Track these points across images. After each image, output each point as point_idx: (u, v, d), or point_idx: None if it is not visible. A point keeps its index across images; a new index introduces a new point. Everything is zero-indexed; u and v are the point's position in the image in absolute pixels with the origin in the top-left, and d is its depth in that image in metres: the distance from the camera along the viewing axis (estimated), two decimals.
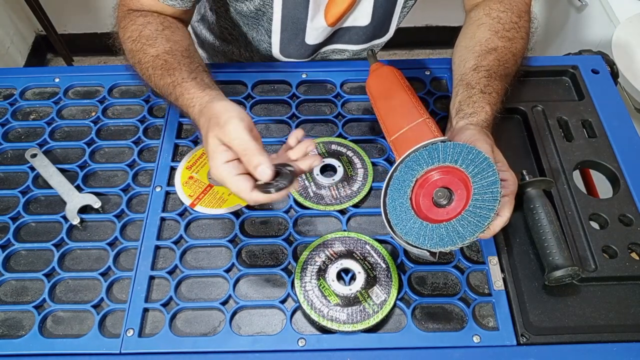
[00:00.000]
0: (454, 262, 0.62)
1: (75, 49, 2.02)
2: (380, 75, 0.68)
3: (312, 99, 0.78)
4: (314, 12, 0.74)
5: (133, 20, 0.68)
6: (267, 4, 0.74)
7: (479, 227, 0.50)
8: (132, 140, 0.73)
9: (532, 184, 0.62)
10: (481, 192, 0.52)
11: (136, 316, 0.58)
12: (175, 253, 0.63)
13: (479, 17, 0.73)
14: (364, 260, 0.61)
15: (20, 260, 0.63)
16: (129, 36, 0.67)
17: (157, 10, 0.70)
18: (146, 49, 0.64)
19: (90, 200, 0.66)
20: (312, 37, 0.78)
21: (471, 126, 0.60)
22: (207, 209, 0.65)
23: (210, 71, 0.66)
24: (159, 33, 0.66)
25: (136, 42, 0.66)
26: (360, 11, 0.76)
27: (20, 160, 0.71)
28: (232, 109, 0.52)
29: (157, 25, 0.67)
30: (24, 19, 1.95)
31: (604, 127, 0.72)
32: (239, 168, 0.51)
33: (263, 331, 0.58)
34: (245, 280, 0.61)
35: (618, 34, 1.14)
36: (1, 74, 0.82)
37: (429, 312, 0.59)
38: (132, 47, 0.66)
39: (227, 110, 0.52)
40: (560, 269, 0.56)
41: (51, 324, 0.59)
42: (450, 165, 0.55)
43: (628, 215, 0.64)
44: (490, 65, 0.66)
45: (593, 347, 0.55)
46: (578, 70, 0.79)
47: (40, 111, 0.77)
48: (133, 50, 0.66)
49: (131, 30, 0.67)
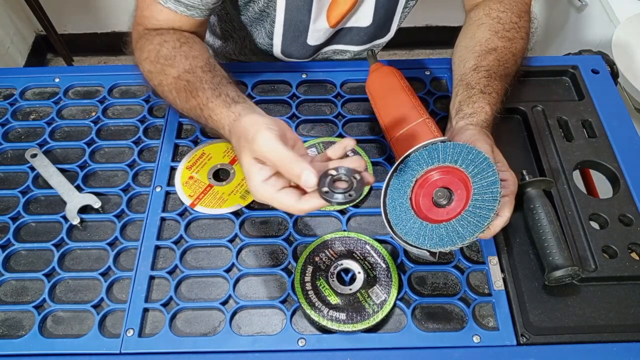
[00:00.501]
0: (454, 262, 0.62)
1: (75, 49, 2.02)
2: (380, 76, 0.68)
3: (312, 99, 0.78)
4: (317, 15, 0.74)
5: (149, 39, 0.65)
6: (271, 7, 0.74)
7: (479, 227, 0.50)
8: (132, 140, 0.73)
9: (532, 184, 0.62)
10: (481, 192, 0.52)
11: (136, 316, 0.58)
12: (175, 253, 0.63)
13: (478, 17, 0.73)
14: (364, 260, 0.61)
15: (20, 260, 0.63)
16: (146, 57, 0.64)
17: (174, 26, 0.67)
18: (166, 69, 0.62)
19: (90, 200, 0.66)
20: (313, 39, 0.78)
21: (471, 126, 0.60)
22: (207, 209, 0.65)
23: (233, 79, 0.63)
24: (176, 51, 0.63)
25: (155, 64, 0.63)
26: (362, 12, 0.76)
27: (20, 160, 0.71)
28: (260, 121, 0.49)
29: (174, 42, 0.64)
30: (24, 19, 1.95)
31: (604, 127, 0.72)
32: (279, 183, 0.48)
33: (263, 331, 0.58)
34: (245, 280, 0.61)
35: (618, 34, 1.14)
36: (1, 74, 0.81)
37: (429, 312, 0.59)
38: (150, 68, 0.64)
39: (254, 123, 0.49)
40: (560, 269, 0.56)
41: (51, 324, 0.59)
42: (450, 165, 0.55)
43: (628, 215, 0.64)
44: (490, 65, 0.66)
45: (593, 347, 0.55)
46: (578, 70, 0.79)
47: (40, 111, 0.77)
48: (152, 71, 0.63)
49: (148, 50, 0.64)
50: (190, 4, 0.65)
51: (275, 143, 0.46)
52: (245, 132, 0.49)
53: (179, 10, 0.65)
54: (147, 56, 0.64)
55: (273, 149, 0.46)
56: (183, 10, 0.65)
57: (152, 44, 0.64)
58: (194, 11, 0.66)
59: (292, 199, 0.47)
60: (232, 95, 0.57)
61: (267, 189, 0.48)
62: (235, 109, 0.54)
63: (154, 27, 0.67)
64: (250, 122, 0.49)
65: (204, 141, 0.72)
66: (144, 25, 0.67)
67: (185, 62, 0.62)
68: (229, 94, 0.57)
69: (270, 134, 0.47)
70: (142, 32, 0.67)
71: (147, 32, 0.67)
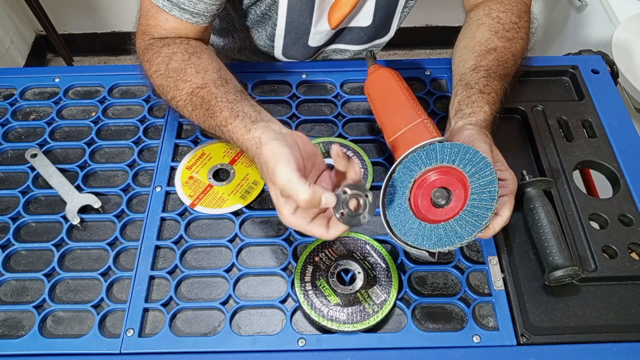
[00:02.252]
0: (454, 262, 0.62)
1: (75, 49, 2.02)
2: (378, 78, 0.68)
3: (312, 99, 0.78)
4: (318, 17, 0.74)
5: (157, 52, 0.64)
6: (272, 10, 0.74)
7: (477, 226, 0.50)
8: (132, 140, 0.73)
9: (532, 184, 0.62)
10: (479, 191, 0.52)
11: (136, 316, 0.58)
12: (175, 253, 0.63)
13: (478, 17, 0.73)
14: (364, 260, 0.61)
15: (20, 260, 0.63)
16: (156, 70, 0.64)
17: (180, 34, 0.67)
18: (178, 84, 0.61)
19: (90, 200, 0.66)
20: (315, 40, 0.78)
21: (470, 126, 0.60)
22: (207, 209, 0.65)
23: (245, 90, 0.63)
24: (186, 63, 0.62)
25: (165, 78, 0.62)
26: (362, 12, 0.76)
27: (20, 160, 0.71)
28: (278, 153, 0.49)
29: (182, 54, 0.63)
30: (24, 19, 1.95)
31: (604, 127, 0.72)
32: (307, 214, 0.51)
33: (263, 331, 0.58)
34: (245, 280, 0.61)
35: (618, 34, 1.14)
36: (1, 74, 0.82)
37: (429, 312, 0.59)
38: (162, 82, 0.63)
39: (273, 156, 0.50)
40: (560, 269, 0.56)
41: (51, 324, 0.59)
42: (448, 165, 0.55)
43: (628, 215, 0.64)
44: (490, 65, 0.66)
45: (593, 347, 0.55)
46: (578, 70, 0.79)
47: (40, 111, 0.77)
48: (164, 86, 0.63)
49: (157, 63, 0.64)
50: (195, 11, 0.65)
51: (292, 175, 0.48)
52: (266, 163, 0.50)
53: (183, 17, 0.65)
54: (157, 69, 0.64)
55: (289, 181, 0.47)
56: (188, 17, 0.65)
57: (160, 56, 0.64)
58: (199, 18, 0.66)
59: (322, 230, 0.50)
60: (250, 114, 0.56)
61: (297, 221, 0.51)
62: (256, 133, 0.54)
63: (160, 36, 0.67)
64: (270, 154, 0.50)
65: (204, 141, 0.72)
66: (150, 35, 0.67)
67: (197, 77, 0.61)
68: (246, 113, 0.56)
69: (288, 166, 0.48)
70: (148, 42, 0.67)
71: (154, 42, 0.66)
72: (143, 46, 0.67)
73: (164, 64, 0.63)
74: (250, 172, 0.69)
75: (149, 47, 0.66)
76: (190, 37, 0.68)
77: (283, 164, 0.48)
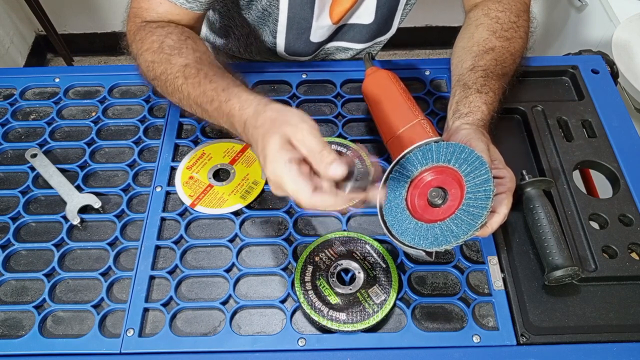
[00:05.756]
0: (453, 262, 0.62)
1: (75, 49, 2.02)
2: (375, 80, 0.68)
3: (312, 99, 0.78)
4: (320, 11, 0.74)
5: (150, 31, 0.64)
6: (273, 5, 0.74)
7: (473, 225, 0.50)
8: (133, 140, 0.73)
9: (532, 184, 0.62)
10: (474, 190, 0.52)
11: (136, 316, 0.58)
12: (176, 253, 0.63)
13: (477, 17, 0.73)
14: (364, 260, 0.61)
15: (20, 260, 0.63)
16: (148, 47, 0.63)
17: (172, 19, 0.67)
18: (172, 59, 0.61)
19: (90, 200, 0.66)
20: (317, 36, 0.78)
21: (466, 125, 0.60)
22: (207, 209, 0.65)
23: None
24: (182, 42, 0.63)
25: (158, 53, 0.62)
26: (364, 9, 0.77)
27: (20, 160, 0.71)
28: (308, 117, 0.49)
29: (179, 35, 0.64)
30: (24, 19, 1.95)
31: (604, 127, 0.72)
32: (301, 169, 0.48)
33: (263, 331, 0.58)
34: (245, 280, 0.61)
35: (618, 34, 1.14)
36: (1, 74, 0.82)
37: (428, 312, 0.59)
38: (153, 58, 0.62)
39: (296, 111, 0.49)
40: (560, 269, 0.56)
41: (51, 324, 0.59)
42: (443, 165, 0.55)
43: (628, 215, 0.64)
44: (488, 65, 0.66)
45: (593, 347, 0.55)
46: (578, 70, 0.79)
47: (40, 111, 0.77)
48: (155, 61, 0.62)
49: (150, 41, 0.63)
50: None
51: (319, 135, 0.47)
52: (283, 115, 0.49)
53: (178, 2, 0.65)
54: (149, 47, 0.63)
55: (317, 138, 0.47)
56: (182, 2, 0.65)
57: (155, 35, 0.64)
58: (193, 4, 0.66)
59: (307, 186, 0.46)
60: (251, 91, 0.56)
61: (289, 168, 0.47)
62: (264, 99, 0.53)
63: (153, 19, 0.67)
64: (289, 109, 0.50)
65: (204, 141, 0.72)
66: (141, 18, 0.67)
67: (193, 54, 0.61)
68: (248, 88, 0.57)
69: (315, 128, 0.48)
70: (139, 24, 0.66)
71: (146, 24, 0.66)
72: (135, 28, 0.67)
73: (159, 42, 0.63)
74: (250, 172, 0.69)
75: (142, 28, 0.66)
76: (182, 24, 0.68)
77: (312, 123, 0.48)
